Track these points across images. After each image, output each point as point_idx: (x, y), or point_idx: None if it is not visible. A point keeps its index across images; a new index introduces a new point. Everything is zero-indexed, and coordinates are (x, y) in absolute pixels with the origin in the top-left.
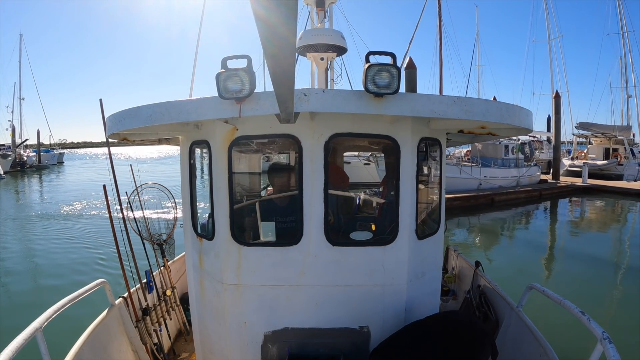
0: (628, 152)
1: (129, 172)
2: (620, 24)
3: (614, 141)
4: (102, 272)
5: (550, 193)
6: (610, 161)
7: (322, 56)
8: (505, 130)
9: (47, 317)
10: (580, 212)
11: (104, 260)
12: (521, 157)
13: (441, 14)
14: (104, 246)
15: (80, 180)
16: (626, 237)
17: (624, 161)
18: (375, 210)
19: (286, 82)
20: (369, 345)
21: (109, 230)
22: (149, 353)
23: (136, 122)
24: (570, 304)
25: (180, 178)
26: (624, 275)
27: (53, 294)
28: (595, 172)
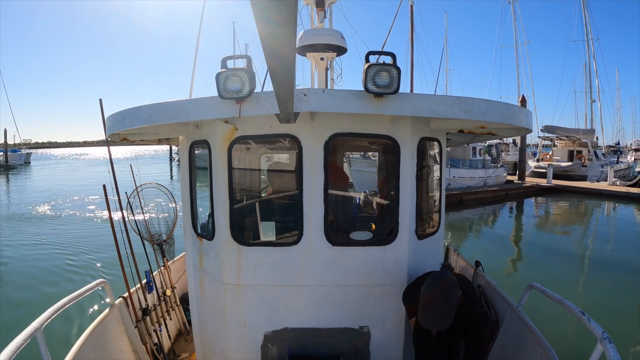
0: (592, 154)
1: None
2: (585, 32)
3: (578, 144)
4: (102, 273)
5: (517, 193)
6: (574, 163)
7: (322, 56)
8: (505, 130)
9: (47, 317)
10: (545, 210)
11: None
12: (488, 159)
13: (413, 19)
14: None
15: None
16: (591, 233)
17: (588, 163)
18: (375, 210)
19: (286, 82)
20: (369, 345)
21: (101, 232)
22: (149, 353)
23: (136, 122)
24: (570, 304)
25: (180, 178)
26: (587, 267)
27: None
28: (560, 173)
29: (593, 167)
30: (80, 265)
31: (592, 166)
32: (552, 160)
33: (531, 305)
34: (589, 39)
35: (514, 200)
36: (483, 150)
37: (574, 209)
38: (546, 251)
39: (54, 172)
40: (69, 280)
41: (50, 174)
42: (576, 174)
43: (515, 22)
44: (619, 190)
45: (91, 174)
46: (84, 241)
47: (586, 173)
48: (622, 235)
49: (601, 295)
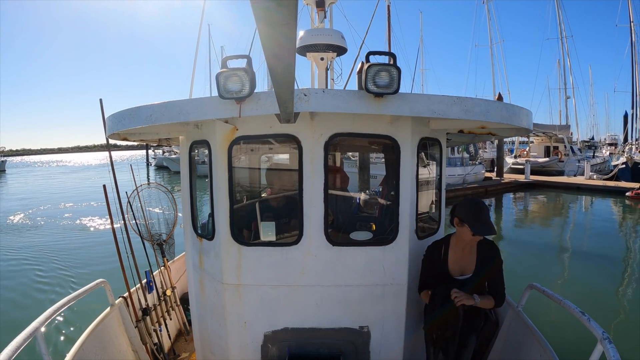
0: (568, 150)
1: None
2: (559, 30)
3: (554, 140)
4: (102, 273)
5: (496, 189)
6: (551, 158)
7: (322, 56)
8: (506, 130)
9: (47, 317)
10: (525, 205)
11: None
12: (466, 156)
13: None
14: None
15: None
16: (570, 226)
17: (565, 158)
18: (375, 210)
19: (286, 82)
20: (369, 345)
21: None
22: (149, 353)
23: (136, 122)
24: (571, 304)
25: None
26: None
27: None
28: (537, 169)
29: (570, 162)
30: (80, 265)
31: (569, 161)
32: (529, 156)
33: (531, 305)
34: (563, 37)
35: (493, 197)
36: (461, 148)
37: (552, 204)
38: (527, 245)
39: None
40: (69, 280)
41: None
42: (553, 169)
43: (489, 21)
44: (596, 184)
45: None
46: (84, 241)
47: (563, 168)
48: (601, 227)
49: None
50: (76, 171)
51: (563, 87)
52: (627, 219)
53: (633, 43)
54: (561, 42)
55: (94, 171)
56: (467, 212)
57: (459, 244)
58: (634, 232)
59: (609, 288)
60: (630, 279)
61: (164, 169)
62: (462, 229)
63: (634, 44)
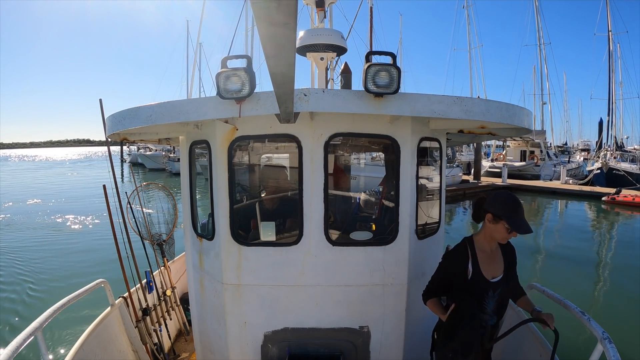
0: (544, 154)
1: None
2: (537, 36)
3: (530, 144)
4: (102, 273)
5: (474, 192)
6: (528, 162)
7: (322, 56)
8: (505, 130)
9: (47, 317)
10: None
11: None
12: None
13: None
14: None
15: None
16: (541, 230)
17: (541, 162)
18: (375, 210)
19: (286, 82)
20: (369, 345)
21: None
22: (149, 353)
23: (136, 122)
24: (571, 304)
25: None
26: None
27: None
28: (514, 172)
29: (546, 166)
30: (80, 264)
31: (545, 166)
32: (505, 160)
33: None
34: (541, 44)
35: (471, 199)
36: None
37: (527, 207)
38: None
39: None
40: (69, 280)
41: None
42: (529, 173)
43: (469, 25)
44: (572, 189)
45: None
46: (85, 241)
47: (539, 172)
48: (580, 230)
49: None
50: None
51: (539, 93)
52: (603, 222)
53: (610, 52)
54: (539, 48)
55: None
56: (504, 207)
57: (487, 244)
58: (608, 234)
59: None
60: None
61: (138, 166)
62: (496, 227)
63: (611, 53)
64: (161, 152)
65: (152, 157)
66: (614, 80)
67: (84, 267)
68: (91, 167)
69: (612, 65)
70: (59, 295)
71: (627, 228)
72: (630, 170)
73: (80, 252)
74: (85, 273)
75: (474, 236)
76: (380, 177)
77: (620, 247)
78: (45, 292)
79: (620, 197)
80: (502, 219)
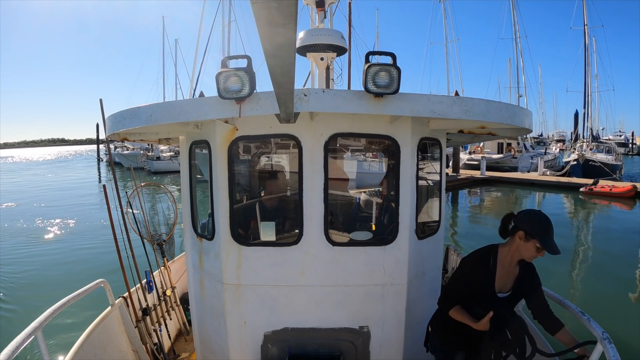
0: (521, 147)
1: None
2: (513, 30)
3: None
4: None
5: (453, 184)
6: (505, 155)
7: (322, 56)
8: (505, 130)
9: (46, 317)
10: (480, 200)
11: None
12: None
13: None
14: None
15: None
16: None
17: (518, 154)
18: (375, 210)
19: (286, 82)
20: (369, 345)
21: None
22: (149, 353)
23: (136, 122)
24: (570, 304)
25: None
26: None
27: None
28: (492, 164)
29: (523, 158)
30: (79, 265)
31: (522, 157)
32: (483, 152)
33: None
34: (517, 37)
35: (450, 192)
36: None
37: (506, 198)
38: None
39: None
40: (68, 281)
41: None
42: (507, 165)
43: (445, 20)
44: (550, 180)
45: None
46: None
47: (516, 164)
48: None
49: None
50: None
51: (515, 86)
52: (581, 212)
53: (586, 46)
54: (515, 42)
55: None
56: (539, 227)
57: (509, 258)
58: (586, 225)
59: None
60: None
61: (116, 165)
62: (527, 245)
63: (587, 46)
64: (139, 151)
65: (129, 156)
66: (589, 73)
67: (84, 267)
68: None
69: (588, 59)
70: (59, 295)
71: (605, 218)
72: (606, 161)
73: (80, 253)
74: (85, 273)
75: (500, 247)
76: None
77: (598, 236)
78: (45, 292)
79: (598, 187)
80: (535, 237)
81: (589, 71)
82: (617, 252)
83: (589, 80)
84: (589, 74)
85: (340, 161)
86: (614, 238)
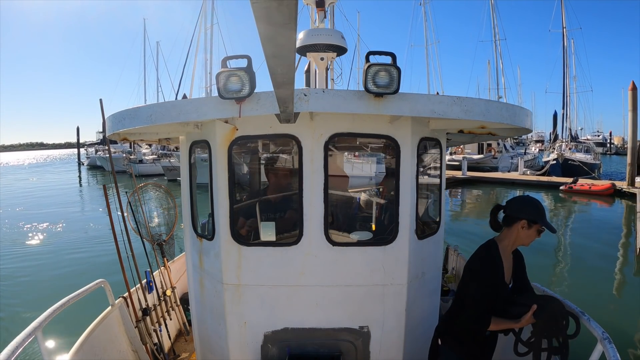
0: (501, 147)
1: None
2: (493, 32)
3: None
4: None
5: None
6: (486, 155)
7: (322, 56)
8: (505, 130)
9: (46, 317)
10: (462, 200)
11: None
12: None
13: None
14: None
15: None
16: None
17: (498, 155)
18: (375, 210)
19: (286, 82)
20: (369, 345)
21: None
22: (149, 353)
23: (136, 122)
24: (571, 304)
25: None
26: None
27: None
28: (472, 165)
29: (503, 158)
30: (79, 265)
31: (503, 158)
32: (464, 153)
33: None
34: (496, 39)
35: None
36: None
37: (486, 197)
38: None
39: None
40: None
41: None
42: (487, 166)
43: (426, 22)
44: (530, 179)
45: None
46: (84, 241)
47: (497, 164)
48: None
49: None
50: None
51: (495, 87)
52: (561, 210)
53: (565, 48)
54: (495, 44)
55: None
56: (537, 212)
57: (509, 250)
58: (567, 222)
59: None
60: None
61: (97, 169)
62: (529, 232)
63: (565, 48)
64: (122, 154)
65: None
66: (568, 74)
67: (84, 267)
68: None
69: (566, 60)
70: (59, 295)
71: (585, 215)
72: (585, 160)
73: (80, 252)
74: (86, 273)
75: (499, 243)
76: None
77: (579, 232)
78: (45, 292)
79: (577, 186)
80: (538, 222)
81: (567, 72)
82: (598, 247)
83: (567, 82)
84: (567, 75)
85: (340, 158)
86: (594, 234)
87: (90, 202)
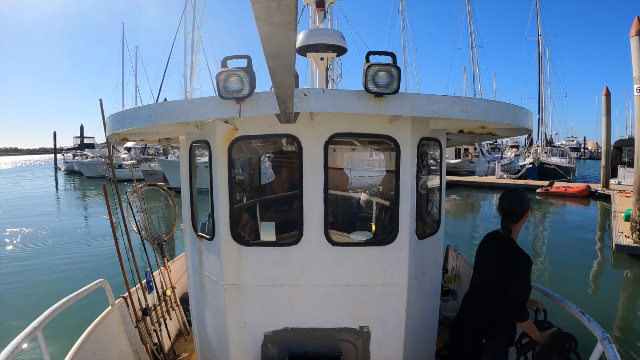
0: (478, 152)
1: None
2: (470, 40)
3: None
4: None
5: None
6: (463, 159)
7: (322, 56)
8: (505, 130)
9: (46, 317)
10: None
11: None
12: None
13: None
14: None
15: None
16: (480, 222)
17: (475, 159)
18: (375, 210)
19: (286, 82)
20: (369, 345)
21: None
22: (149, 353)
23: (136, 122)
24: (571, 304)
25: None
26: None
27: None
28: (450, 169)
29: (480, 163)
30: (79, 265)
31: (480, 162)
32: None
33: None
34: (473, 47)
35: None
36: None
37: (464, 201)
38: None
39: None
40: (68, 280)
41: None
42: (464, 170)
43: (404, 29)
44: (507, 183)
45: None
46: (83, 240)
47: (474, 169)
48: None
49: None
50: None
51: (472, 94)
52: (538, 212)
53: (540, 55)
54: (472, 51)
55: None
56: (527, 196)
57: None
58: (544, 223)
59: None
60: None
61: (75, 174)
62: (523, 219)
63: (541, 55)
64: (100, 159)
65: (89, 164)
66: (543, 80)
67: (84, 268)
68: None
69: (541, 67)
70: (59, 295)
71: (561, 216)
72: (560, 163)
73: (80, 252)
74: (85, 273)
75: (512, 235)
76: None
77: (556, 232)
78: (45, 292)
79: (554, 188)
80: (529, 205)
81: (542, 79)
82: (575, 245)
83: (542, 88)
84: (542, 82)
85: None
86: (570, 232)
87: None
